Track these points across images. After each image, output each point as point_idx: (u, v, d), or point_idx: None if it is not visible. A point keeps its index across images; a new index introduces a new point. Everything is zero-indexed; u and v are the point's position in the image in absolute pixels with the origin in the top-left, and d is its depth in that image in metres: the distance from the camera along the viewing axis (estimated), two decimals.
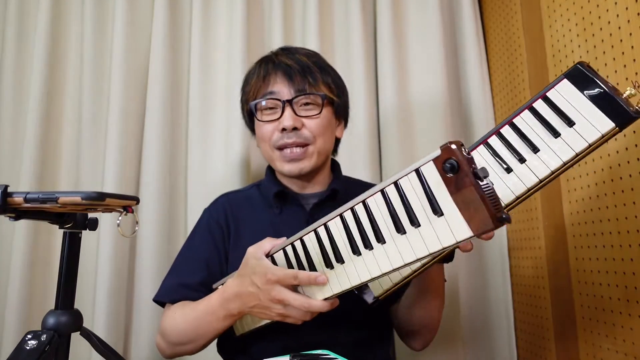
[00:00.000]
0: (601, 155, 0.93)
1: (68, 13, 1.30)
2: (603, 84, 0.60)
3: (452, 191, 0.53)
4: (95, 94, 1.25)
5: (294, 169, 0.89)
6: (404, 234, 0.58)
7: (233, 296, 0.75)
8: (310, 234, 0.69)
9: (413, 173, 0.57)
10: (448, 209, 0.54)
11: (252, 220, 0.94)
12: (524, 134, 0.65)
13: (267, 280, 0.69)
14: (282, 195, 0.93)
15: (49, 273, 1.19)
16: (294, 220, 0.91)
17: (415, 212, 0.57)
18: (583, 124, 0.61)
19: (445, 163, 0.53)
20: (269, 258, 0.73)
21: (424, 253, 0.56)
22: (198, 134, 1.27)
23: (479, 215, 0.51)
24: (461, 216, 0.52)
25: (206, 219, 0.96)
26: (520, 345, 1.27)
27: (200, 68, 1.30)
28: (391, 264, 0.60)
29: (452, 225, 0.53)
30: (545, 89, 0.65)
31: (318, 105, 0.89)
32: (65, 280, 0.58)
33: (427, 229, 0.56)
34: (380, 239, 0.60)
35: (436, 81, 1.34)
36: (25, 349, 0.52)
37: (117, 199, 0.54)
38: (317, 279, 0.66)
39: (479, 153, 0.68)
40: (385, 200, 0.60)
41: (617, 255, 0.89)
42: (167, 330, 0.85)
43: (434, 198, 0.55)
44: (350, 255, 0.64)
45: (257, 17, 1.37)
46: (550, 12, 1.11)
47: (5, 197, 0.48)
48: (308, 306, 0.67)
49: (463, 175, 0.52)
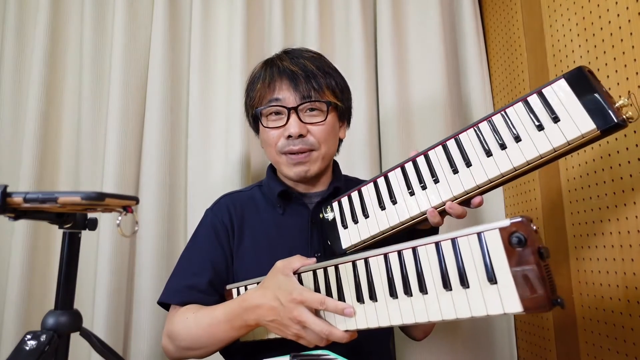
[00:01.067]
0: (602, 155, 0.93)
1: (68, 13, 1.30)
2: (598, 89, 0.62)
3: (512, 264, 0.53)
4: (95, 94, 1.25)
5: (300, 171, 0.89)
6: (449, 291, 0.58)
7: (254, 307, 0.73)
8: (348, 264, 0.68)
9: (474, 235, 0.57)
10: (503, 280, 0.53)
11: (255, 220, 0.94)
12: (511, 124, 0.68)
13: (292, 299, 0.68)
14: (286, 195, 0.94)
15: (49, 273, 1.19)
16: (298, 220, 0.92)
17: (467, 273, 0.57)
18: (567, 122, 0.63)
19: (513, 235, 0.53)
20: (295, 275, 0.72)
21: (465, 314, 0.56)
22: (198, 134, 1.27)
23: (535, 295, 0.51)
24: (515, 290, 0.52)
25: (210, 219, 0.96)
26: (521, 345, 1.27)
27: (200, 68, 1.30)
28: (428, 316, 0.59)
29: (503, 296, 0.53)
30: (543, 85, 0.68)
31: (323, 111, 0.89)
32: (64, 281, 0.58)
33: (475, 292, 0.56)
34: (423, 289, 0.60)
35: (436, 81, 1.34)
36: (25, 349, 0.52)
37: (117, 199, 0.53)
38: (345, 310, 0.65)
39: (467, 135, 0.72)
40: (437, 252, 0.60)
41: (617, 255, 0.89)
42: (179, 334, 0.82)
43: (491, 265, 0.55)
44: (386, 296, 0.63)
45: (257, 17, 1.37)
46: (550, 12, 1.11)
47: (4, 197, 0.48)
48: (328, 333, 0.66)
49: (529, 252, 0.52)
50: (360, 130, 1.30)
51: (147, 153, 1.24)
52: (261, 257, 0.89)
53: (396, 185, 0.77)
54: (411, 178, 0.75)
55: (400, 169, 0.78)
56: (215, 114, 1.30)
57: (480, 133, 0.70)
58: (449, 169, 0.72)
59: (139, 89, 1.27)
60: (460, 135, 0.72)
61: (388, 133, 1.32)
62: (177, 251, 1.23)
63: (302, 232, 0.91)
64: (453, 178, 0.71)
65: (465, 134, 0.72)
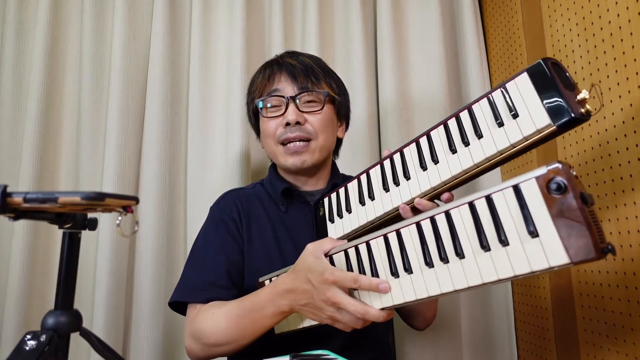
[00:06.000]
0: (602, 155, 0.93)
1: (68, 13, 1.30)
2: (558, 82, 0.61)
3: (553, 213, 0.49)
4: (95, 94, 1.25)
5: (297, 161, 0.91)
6: (487, 251, 0.54)
7: (285, 292, 0.72)
8: (379, 238, 0.66)
9: (510, 189, 0.53)
10: (545, 232, 0.50)
11: (261, 216, 0.94)
12: (475, 121, 0.68)
13: (324, 280, 0.66)
14: (289, 192, 0.95)
15: (49, 273, 1.19)
16: (301, 216, 0.94)
17: (506, 230, 0.53)
18: (525, 117, 0.62)
19: (551, 182, 0.49)
20: (327, 258, 0.70)
21: (508, 274, 0.52)
22: (198, 134, 1.27)
23: (580, 242, 0.47)
24: (559, 241, 0.49)
25: (218, 214, 0.94)
26: (521, 346, 1.27)
27: (200, 68, 1.30)
28: (467, 281, 0.56)
29: (547, 249, 0.49)
30: (507, 80, 0.67)
31: (320, 102, 0.93)
32: (64, 281, 0.58)
33: (516, 249, 0.52)
34: (460, 253, 0.57)
35: (436, 81, 1.34)
36: (25, 349, 0.52)
37: (117, 199, 0.53)
38: (379, 285, 0.63)
39: (437, 133, 0.72)
40: (472, 213, 0.56)
41: (617, 255, 0.89)
42: (205, 331, 0.80)
43: (531, 217, 0.51)
44: (421, 266, 0.60)
45: (257, 16, 1.37)
46: (550, 12, 1.11)
47: (4, 197, 0.48)
48: (364, 313, 0.63)
49: (570, 198, 0.48)
50: (360, 129, 1.30)
51: (147, 153, 1.24)
52: (269, 250, 0.89)
53: (375, 182, 0.79)
54: (387, 175, 0.77)
55: (379, 166, 0.80)
56: (215, 114, 1.30)
57: (448, 130, 0.71)
58: (418, 166, 0.73)
59: (138, 89, 1.27)
60: (432, 133, 0.73)
61: (388, 133, 1.32)
62: (177, 251, 1.23)
63: (308, 227, 0.92)
64: (422, 175, 0.72)
65: (435, 131, 0.73)
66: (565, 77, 0.63)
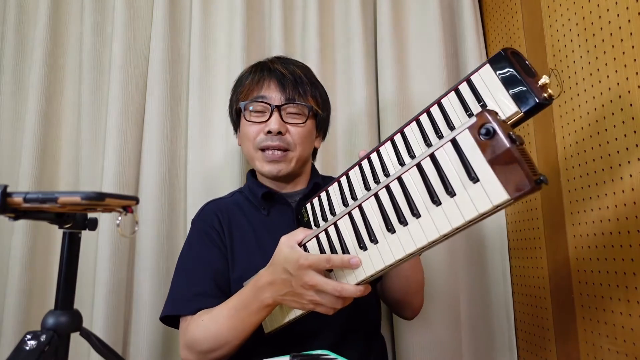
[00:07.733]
0: (602, 155, 0.93)
1: (68, 13, 1.30)
2: (520, 71, 0.64)
3: (487, 156, 0.53)
4: (95, 94, 1.25)
5: (273, 169, 0.93)
6: (439, 205, 0.58)
7: (266, 285, 0.74)
8: (345, 217, 0.69)
9: (449, 143, 0.57)
10: (484, 174, 0.54)
11: (243, 223, 0.95)
12: (446, 114, 0.71)
13: (300, 266, 0.68)
14: (269, 196, 0.96)
15: (49, 273, 1.19)
16: (283, 219, 0.95)
17: (451, 182, 0.57)
18: (492, 107, 0.65)
19: (481, 128, 0.53)
20: (301, 247, 0.73)
21: (459, 222, 0.56)
22: (197, 134, 1.27)
23: (515, 178, 0.51)
24: (497, 180, 0.52)
25: (199, 225, 0.96)
26: (521, 345, 1.27)
27: (200, 68, 1.29)
28: (426, 237, 0.59)
29: (488, 190, 0.53)
30: (471, 72, 0.69)
31: (304, 115, 0.94)
32: (64, 281, 0.58)
33: (462, 197, 0.55)
34: (415, 213, 0.60)
35: (436, 81, 1.34)
36: (25, 349, 0.52)
37: (117, 199, 0.53)
38: (350, 260, 0.66)
39: (411, 129, 0.75)
40: (420, 173, 0.60)
41: (617, 255, 0.89)
42: (197, 339, 0.81)
43: (470, 164, 0.55)
44: (384, 233, 0.63)
45: (257, 16, 1.37)
46: (550, 12, 1.11)
47: (4, 197, 0.48)
48: (341, 290, 0.66)
49: (499, 138, 0.52)
50: (360, 129, 1.30)
51: (147, 153, 1.24)
52: (253, 257, 0.90)
53: (356, 182, 0.81)
54: (367, 174, 0.79)
55: (358, 167, 0.81)
56: (215, 114, 1.30)
57: (421, 125, 0.74)
58: (397, 163, 0.75)
59: (138, 89, 1.27)
60: (405, 129, 0.75)
61: (388, 133, 1.31)
62: (177, 251, 1.23)
63: (291, 228, 0.92)
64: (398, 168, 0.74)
65: (409, 127, 0.75)
66: (526, 65, 0.65)
